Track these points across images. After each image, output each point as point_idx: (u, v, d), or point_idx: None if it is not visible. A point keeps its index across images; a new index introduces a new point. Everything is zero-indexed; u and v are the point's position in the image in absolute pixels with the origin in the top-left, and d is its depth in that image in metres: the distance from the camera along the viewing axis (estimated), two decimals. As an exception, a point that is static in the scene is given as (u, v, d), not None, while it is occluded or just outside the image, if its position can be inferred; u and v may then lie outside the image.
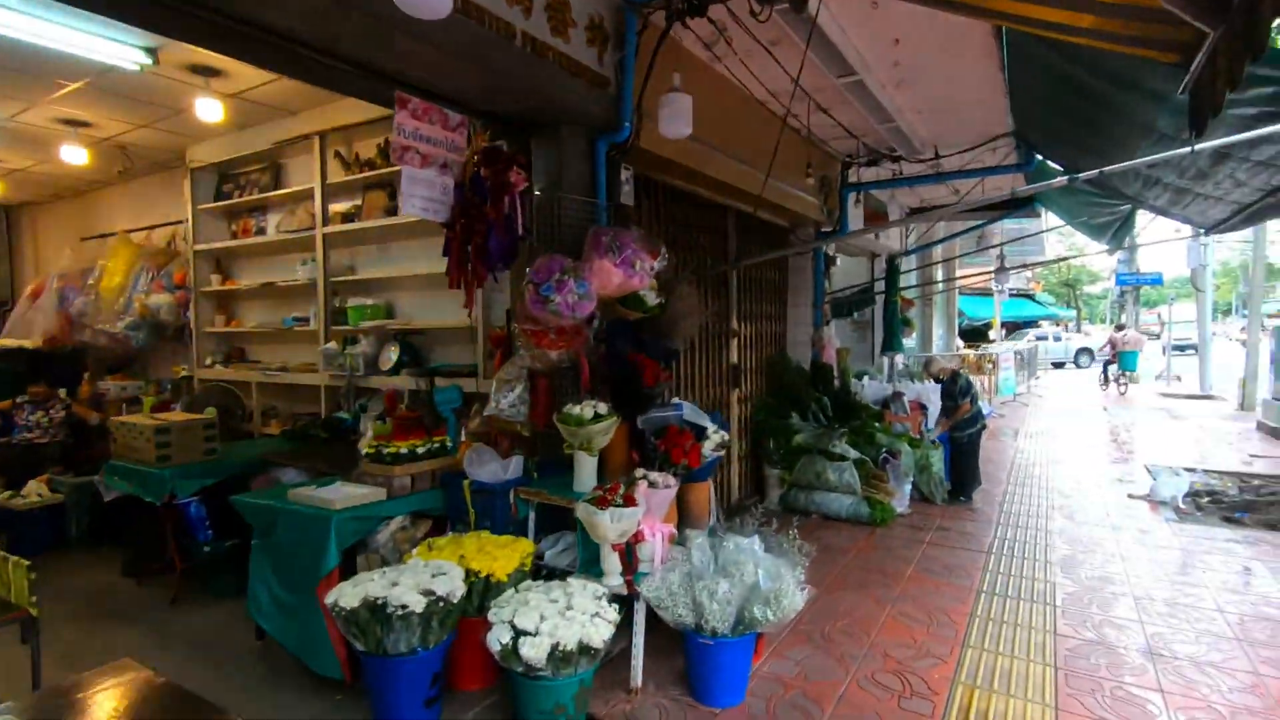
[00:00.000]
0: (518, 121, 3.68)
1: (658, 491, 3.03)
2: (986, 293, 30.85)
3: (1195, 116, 2.46)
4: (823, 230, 7.42)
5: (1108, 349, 16.97)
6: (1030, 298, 36.51)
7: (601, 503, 2.84)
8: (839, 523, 5.70)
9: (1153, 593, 4.22)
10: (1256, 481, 7.02)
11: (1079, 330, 39.60)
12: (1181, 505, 6.25)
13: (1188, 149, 2.69)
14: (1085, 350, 26.63)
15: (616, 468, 3.33)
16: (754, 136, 5.41)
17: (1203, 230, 6.08)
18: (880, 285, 10.48)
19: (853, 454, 5.83)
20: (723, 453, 3.55)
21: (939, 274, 15.70)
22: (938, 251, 15.82)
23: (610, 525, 2.78)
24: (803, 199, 6.56)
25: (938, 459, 6.32)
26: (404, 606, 2.51)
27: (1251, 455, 8.58)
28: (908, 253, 10.84)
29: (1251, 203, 4.34)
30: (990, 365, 12.53)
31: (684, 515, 3.51)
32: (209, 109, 4.60)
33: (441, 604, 2.61)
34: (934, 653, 3.43)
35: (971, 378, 6.72)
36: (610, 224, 3.77)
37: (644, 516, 2.96)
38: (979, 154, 6.99)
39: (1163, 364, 18.22)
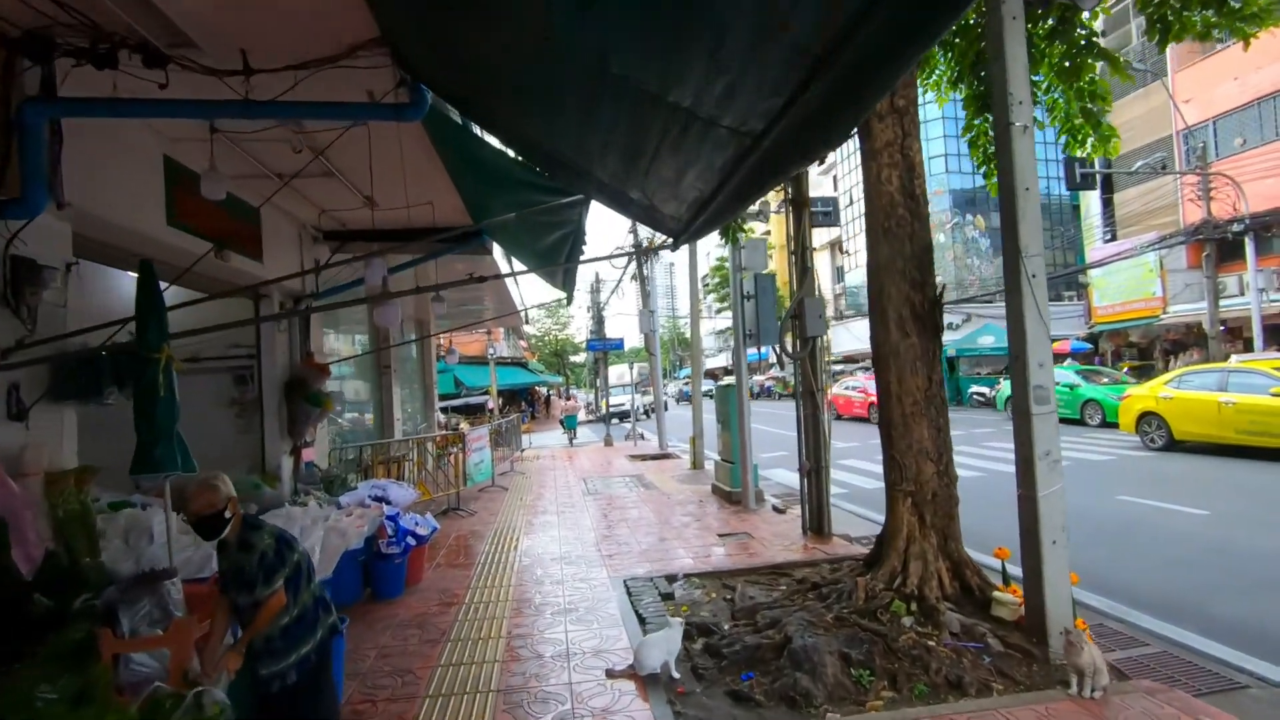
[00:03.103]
0: None
1: None
2: (482, 360, 30.25)
3: None
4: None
5: (560, 413, 23.34)
6: (524, 366, 37.87)
7: None
8: None
9: None
10: (738, 589, 5.37)
11: (568, 396, 43.28)
12: (675, 674, 3.95)
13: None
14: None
15: None
16: None
17: (671, 242, 4.04)
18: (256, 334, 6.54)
19: None
20: None
21: (409, 331, 12.69)
22: (408, 305, 12.85)
23: None
24: None
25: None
26: None
27: (720, 535, 7.46)
28: (319, 294, 7.21)
29: (737, 160, 2.04)
30: (459, 446, 9.78)
31: None
32: None
33: None
34: None
35: (291, 531, 3.23)
36: None
37: None
38: (338, 84, 3.79)
39: (628, 427, 19.09)
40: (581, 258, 4.89)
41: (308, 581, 2.77)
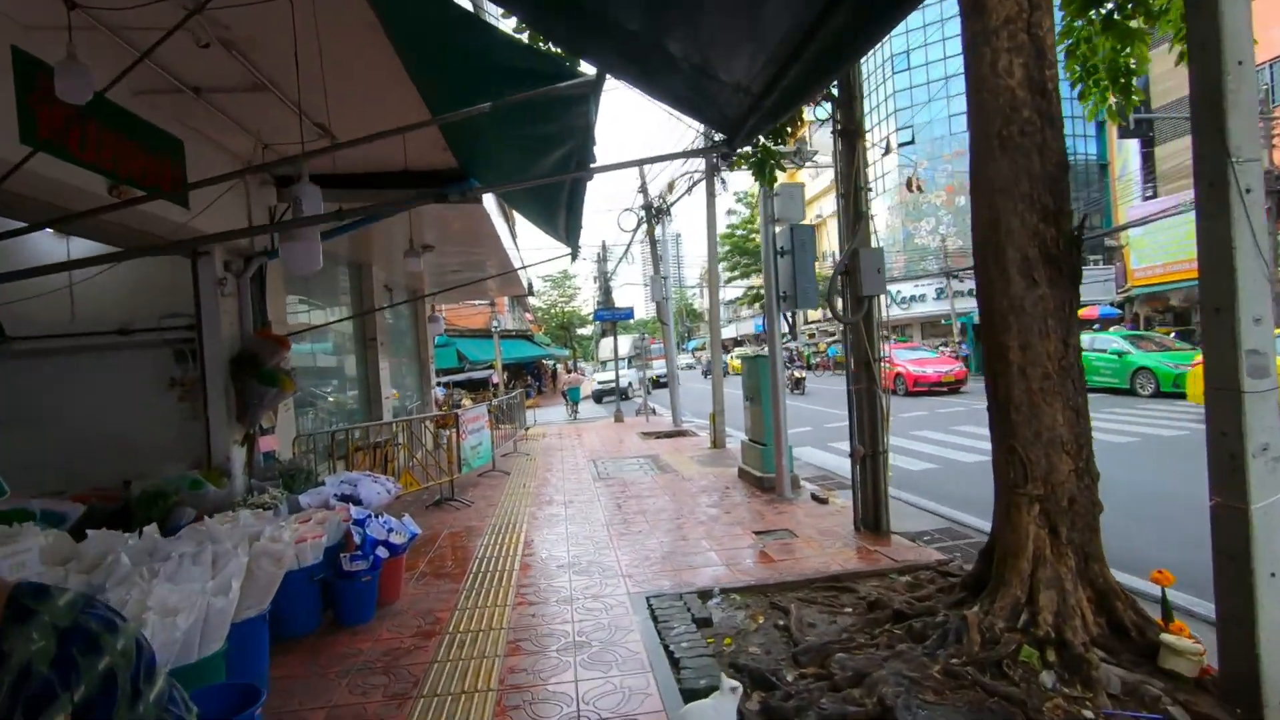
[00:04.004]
0: None
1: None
2: (486, 334, 29.09)
3: None
4: None
5: (563, 385, 23.67)
6: (529, 339, 36.69)
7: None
8: None
9: None
10: (792, 612, 4.23)
11: (572, 369, 42.30)
12: (729, 756, 2.81)
13: None
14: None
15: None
16: None
17: (726, 140, 2.79)
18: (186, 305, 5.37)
19: None
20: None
21: (392, 297, 11.50)
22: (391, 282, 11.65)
23: None
24: None
25: None
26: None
27: (756, 532, 6.33)
28: (270, 254, 6.00)
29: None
30: (452, 428, 8.63)
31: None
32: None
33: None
34: None
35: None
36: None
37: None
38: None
39: (640, 401, 18.05)
40: (592, 175, 3.66)
41: (129, 701, 1.61)
